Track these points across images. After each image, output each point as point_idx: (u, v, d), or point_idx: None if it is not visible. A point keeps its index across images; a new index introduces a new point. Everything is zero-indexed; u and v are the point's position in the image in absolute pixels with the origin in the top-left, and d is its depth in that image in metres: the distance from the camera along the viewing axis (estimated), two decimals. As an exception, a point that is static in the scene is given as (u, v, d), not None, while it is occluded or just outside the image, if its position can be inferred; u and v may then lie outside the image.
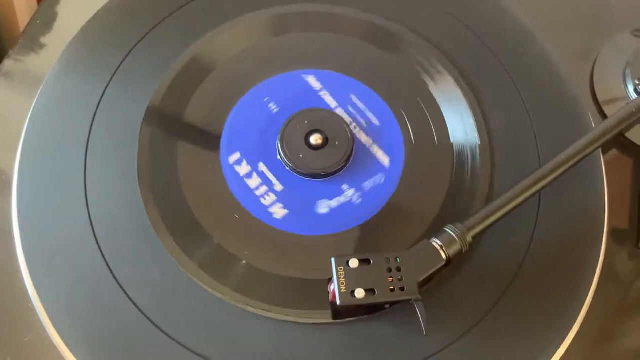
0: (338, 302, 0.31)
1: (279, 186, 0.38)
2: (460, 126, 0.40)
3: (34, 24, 0.44)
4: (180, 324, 0.34)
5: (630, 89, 0.43)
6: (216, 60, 0.41)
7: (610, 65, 0.44)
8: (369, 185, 0.38)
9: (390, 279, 0.32)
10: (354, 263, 0.32)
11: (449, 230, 0.33)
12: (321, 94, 0.40)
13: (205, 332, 0.34)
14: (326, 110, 0.39)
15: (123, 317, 0.34)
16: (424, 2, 0.43)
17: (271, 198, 0.37)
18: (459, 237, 0.33)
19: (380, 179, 0.38)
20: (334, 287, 0.32)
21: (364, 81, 0.41)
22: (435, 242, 0.33)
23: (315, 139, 0.38)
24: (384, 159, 0.39)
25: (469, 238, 0.33)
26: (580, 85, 0.43)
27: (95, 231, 0.36)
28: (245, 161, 0.38)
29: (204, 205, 0.37)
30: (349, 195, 0.38)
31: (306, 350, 0.34)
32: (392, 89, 0.41)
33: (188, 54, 0.41)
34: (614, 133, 0.36)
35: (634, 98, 0.42)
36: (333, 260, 0.32)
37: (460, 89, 0.40)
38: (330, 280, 0.33)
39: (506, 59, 0.42)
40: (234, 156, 0.38)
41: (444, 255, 0.33)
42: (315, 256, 0.36)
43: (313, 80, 0.40)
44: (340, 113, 0.39)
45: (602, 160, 0.39)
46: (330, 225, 0.37)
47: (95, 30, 0.42)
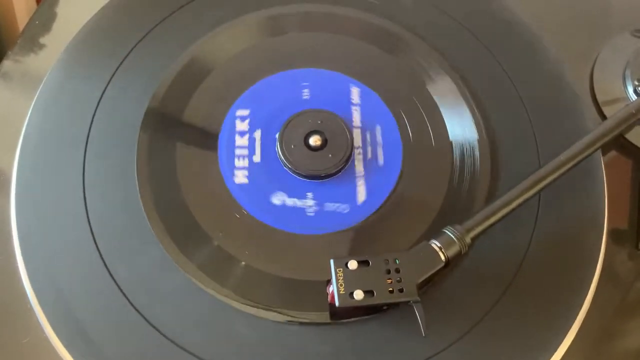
0: (337, 304, 0.31)
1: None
2: (460, 127, 0.40)
3: (33, 25, 0.44)
4: (179, 326, 0.34)
5: (630, 89, 0.43)
6: (216, 60, 0.41)
7: (610, 66, 0.44)
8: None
9: (389, 281, 0.32)
10: (352, 265, 0.32)
11: (448, 232, 0.33)
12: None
13: (206, 335, 0.34)
14: (326, 111, 0.39)
15: (122, 319, 0.34)
16: (423, 3, 0.43)
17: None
18: (458, 239, 0.33)
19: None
20: (332, 289, 0.32)
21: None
22: (434, 244, 0.33)
23: (315, 140, 0.37)
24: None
25: (468, 239, 0.33)
26: (579, 86, 0.43)
27: (94, 232, 0.36)
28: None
29: (203, 206, 0.37)
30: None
31: (305, 351, 0.34)
32: (391, 89, 0.40)
33: (188, 54, 0.41)
34: (614, 134, 0.36)
35: (634, 99, 0.42)
36: (332, 262, 0.32)
37: (459, 90, 0.40)
38: (329, 281, 0.33)
39: (505, 59, 0.41)
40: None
41: (443, 257, 0.33)
42: (313, 256, 0.36)
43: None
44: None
45: (602, 161, 0.39)
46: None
47: (95, 31, 0.42)
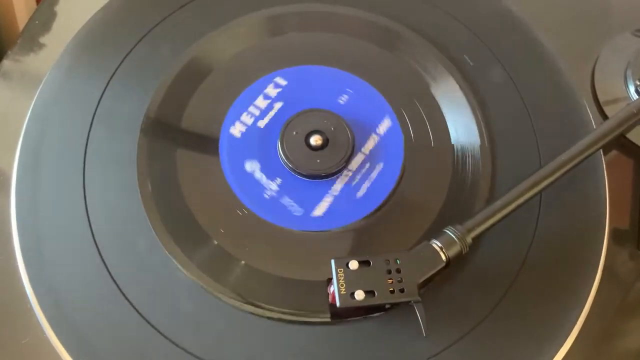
0: (338, 304, 0.31)
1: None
2: (461, 127, 0.40)
3: (33, 24, 0.44)
4: (179, 327, 0.34)
5: (631, 89, 0.42)
6: (216, 60, 0.41)
7: (611, 66, 0.44)
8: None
9: (390, 281, 0.32)
10: (353, 265, 0.32)
11: (449, 232, 0.33)
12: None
13: (206, 335, 0.34)
14: (327, 111, 0.39)
15: (122, 319, 0.34)
16: (425, 2, 0.43)
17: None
18: (459, 239, 0.33)
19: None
20: (333, 289, 0.32)
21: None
22: (435, 244, 0.33)
23: (315, 140, 0.37)
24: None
25: (469, 239, 0.33)
26: (581, 86, 0.43)
27: (94, 232, 0.36)
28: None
29: (204, 205, 0.37)
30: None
31: (305, 351, 0.34)
32: (393, 88, 0.40)
33: (188, 54, 0.41)
34: (615, 134, 0.36)
35: (635, 99, 0.42)
36: (333, 262, 0.32)
37: (461, 90, 0.40)
38: (329, 281, 0.33)
39: (506, 59, 0.41)
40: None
41: (443, 257, 0.33)
42: (313, 257, 0.36)
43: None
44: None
45: (603, 161, 0.39)
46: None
47: (95, 31, 0.42)
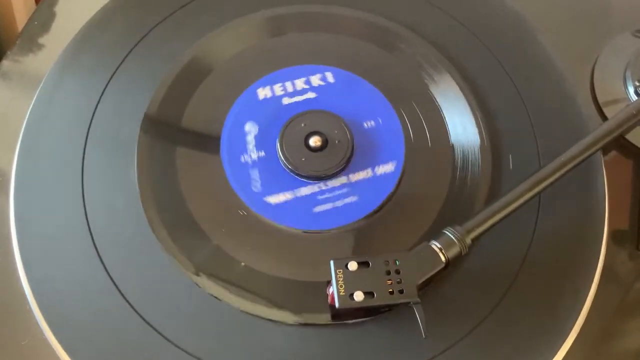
0: (337, 305, 0.31)
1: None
2: (461, 127, 0.39)
3: (32, 25, 0.44)
4: (178, 326, 0.34)
5: (631, 90, 0.42)
6: (216, 61, 0.41)
7: (610, 67, 0.44)
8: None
9: (389, 282, 0.32)
10: (352, 266, 0.32)
11: (448, 233, 0.33)
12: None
13: (206, 335, 0.34)
14: (326, 111, 0.39)
15: (121, 320, 0.34)
16: (425, 2, 0.43)
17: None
18: (459, 240, 0.33)
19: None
20: (332, 290, 0.32)
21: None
22: (435, 245, 0.33)
23: (315, 141, 0.37)
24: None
25: (469, 240, 0.33)
26: (580, 87, 0.43)
27: (93, 233, 0.36)
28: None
29: (204, 205, 0.37)
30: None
31: (304, 351, 0.34)
32: (393, 89, 0.40)
33: (188, 55, 0.41)
34: (615, 135, 0.36)
35: (635, 100, 0.42)
36: (332, 263, 0.32)
37: (461, 90, 0.40)
38: (329, 282, 0.33)
39: (506, 60, 0.41)
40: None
41: (443, 258, 0.33)
42: (314, 257, 0.36)
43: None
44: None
45: (603, 162, 0.39)
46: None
47: (94, 31, 0.42)
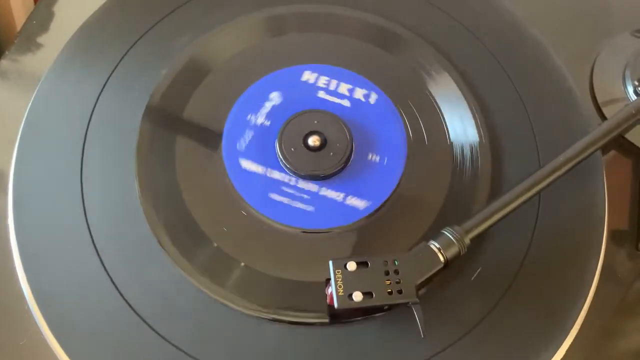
0: (335, 305, 0.31)
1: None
2: (460, 127, 0.39)
3: (31, 24, 0.44)
4: (178, 327, 0.34)
5: (630, 90, 0.42)
6: (215, 59, 0.41)
7: (609, 66, 0.44)
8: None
9: (388, 282, 0.32)
10: (351, 266, 0.32)
11: (447, 233, 0.33)
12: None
13: (205, 336, 0.34)
14: (325, 111, 0.39)
15: (119, 320, 0.34)
16: (424, 2, 0.43)
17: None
18: (457, 240, 0.33)
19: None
20: (331, 290, 0.32)
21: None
22: (434, 245, 0.33)
23: (314, 141, 0.37)
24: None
25: (467, 240, 0.33)
26: (579, 86, 0.42)
27: (92, 233, 0.36)
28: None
29: (204, 205, 0.37)
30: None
31: (304, 351, 0.34)
32: (392, 88, 0.40)
33: (186, 54, 0.41)
34: (614, 134, 0.36)
35: (634, 99, 0.42)
36: (330, 263, 0.32)
37: (460, 89, 0.40)
38: (327, 282, 0.33)
39: (506, 60, 0.41)
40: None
41: (442, 258, 0.33)
42: (313, 257, 0.36)
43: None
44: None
45: (602, 161, 0.39)
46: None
47: (93, 30, 0.42)
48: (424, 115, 0.40)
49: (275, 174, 0.38)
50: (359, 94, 0.40)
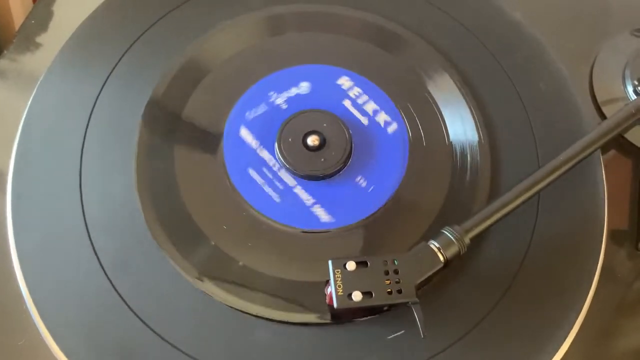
0: (335, 305, 0.31)
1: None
2: (460, 127, 0.39)
3: (29, 24, 0.44)
4: (176, 327, 0.34)
5: (630, 89, 0.42)
6: (215, 59, 0.41)
7: (609, 66, 0.44)
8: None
9: (387, 282, 0.32)
10: (351, 266, 0.32)
11: (447, 233, 0.33)
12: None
13: (205, 336, 0.34)
14: (324, 111, 0.39)
15: (118, 320, 0.34)
16: (424, 3, 0.43)
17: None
18: (457, 239, 0.33)
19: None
20: (330, 290, 0.32)
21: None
22: (433, 245, 0.33)
23: (313, 140, 0.37)
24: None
25: (467, 240, 0.33)
26: (579, 86, 0.42)
27: (91, 233, 0.36)
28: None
29: (203, 205, 0.37)
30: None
31: (303, 352, 0.34)
32: (391, 88, 0.40)
33: (186, 53, 0.40)
34: (614, 134, 0.36)
35: (633, 99, 0.42)
36: (330, 262, 0.32)
37: (459, 90, 0.40)
38: (327, 282, 0.33)
39: (505, 60, 0.41)
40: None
41: (441, 258, 0.33)
42: (313, 257, 0.36)
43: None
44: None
45: (602, 161, 0.39)
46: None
47: (92, 30, 0.42)
48: (424, 115, 0.40)
49: (264, 154, 0.38)
50: (381, 118, 0.40)
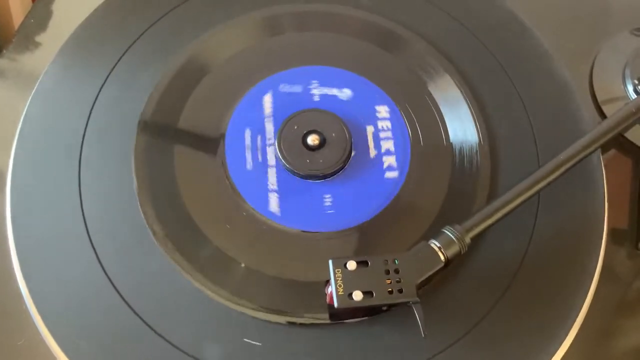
0: (335, 305, 0.31)
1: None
2: (460, 127, 0.39)
3: (29, 23, 0.44)
4: (176, 326, 0.34)
5: (630, 88, 0.42)
6: (214, 59, 0.41)
7: (609, 65, 0.44)
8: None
9: (388, 281, 0.32)
10: (351, 265, 0.32)
11: (448, 232, 0.33)
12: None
13: (205, 336, 0.34)
14: (324, 110, 0.39)
15: (118, 320, 0.34)
16: (424, 2, 0.43)
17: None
18: (458, 239, 0.33)
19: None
20: (331, 289, 0.32)
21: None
22: (434, 244, 0.33)
23: (312, 140, 0.37)
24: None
25: (468, 239, 0.33)
26: (579, 85, 0.42)
27: (90, 233, 0.36)
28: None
29: (203, 205, 0.37)
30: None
31: (303, 352, 0.34)
32: (391, 88, 0.40)
33: (185, 53, 0.40)
34: (614, 133, 0.36)
35: (634, 98, 0.42)
36: (330, 262, 0.32)
37: (460, 90, 0.40)
38: (327, 282, 0.33)
39: (505, 59, 0.41)
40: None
41: (442, 257, 0.33)
42: (313, 258, 0.36)
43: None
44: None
45: (602, 160, 0.39)
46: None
47: (91, 29, 0.41)
48: (423, 115, 0.40)
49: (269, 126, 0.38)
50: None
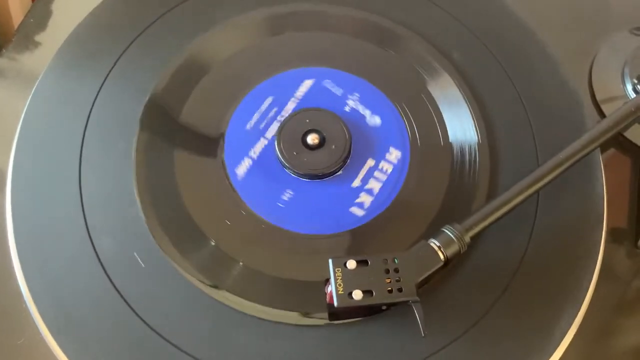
0: (335, 304, 0.31)
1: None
2: (459, 126, 0.39)
3: (28, 22, 0.44)
4: (176, 326, 0.34)
5: (629, 87, 0.42)
6: (214, 59, 0.41)
7: (608, 64, 0.44)
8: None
9: (388, 280, 0.32)
10: (351, 264, 0.32)
11: (447, 231, 0.33)
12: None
13: (205, 336, 0.34)
14: (323, 109, 0.39)
15: (118, 319, 0.34)
16: (424, 2, 0.43)
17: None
18: (457, 238, 0.33)
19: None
20: (331, 289, 0.32)
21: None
22: (433, 243, 0.33)
23: (312, 139, 0.37)
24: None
25: (467, 238, 0.33)
26: (578, 84, 0.42)
27: (90, 232, 0.36)
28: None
29: (202, 205, 0.37)
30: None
31: (303, 352, 0.34)
32: (391, 88, 0.40)
33: (185, 53, 0.40)
34: (613, 132, 0.36)
35: (633, 97, 0.42)
36: (330, 261, 0.32)
37: (459, 89, 0.40)
38: (327, 281, 0.33)
39: (505, 59, 0.41)
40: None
41: (442, 256, 0.33)
42: (313, 257, 0.36)
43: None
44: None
45: (601, 159, 0.39)
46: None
47: (91, 29, 0.41)
48: (423, 114, 0.40)
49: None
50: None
